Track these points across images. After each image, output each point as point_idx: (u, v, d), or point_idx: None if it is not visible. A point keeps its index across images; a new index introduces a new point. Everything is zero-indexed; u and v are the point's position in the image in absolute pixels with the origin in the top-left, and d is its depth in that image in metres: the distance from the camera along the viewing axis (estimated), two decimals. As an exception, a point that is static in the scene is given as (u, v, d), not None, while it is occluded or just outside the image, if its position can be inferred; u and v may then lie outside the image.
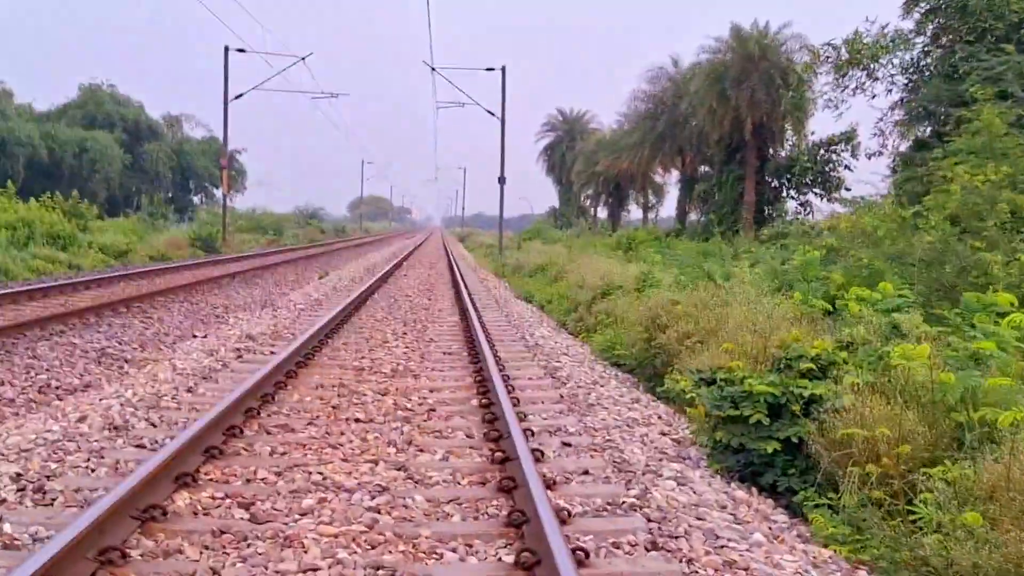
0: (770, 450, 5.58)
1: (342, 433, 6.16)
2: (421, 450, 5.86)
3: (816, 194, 33.67)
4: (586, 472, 5.43)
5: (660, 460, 5.82)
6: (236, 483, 4.94)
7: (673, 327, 9.22)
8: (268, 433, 6.14)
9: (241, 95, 37.61)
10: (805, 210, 33.64)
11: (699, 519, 4.72)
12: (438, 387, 8.12)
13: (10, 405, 6.77)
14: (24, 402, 6.93)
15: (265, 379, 7.44)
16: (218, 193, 71.85)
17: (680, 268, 16.86)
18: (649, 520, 4.61)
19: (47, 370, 8.06)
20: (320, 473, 5.17)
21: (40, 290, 14.43)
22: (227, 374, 8.18)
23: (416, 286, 20.54)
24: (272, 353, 9.35)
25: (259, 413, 6.57)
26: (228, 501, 4.59)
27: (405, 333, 11.86)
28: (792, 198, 34.24)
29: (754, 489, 5.61)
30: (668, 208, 56.62)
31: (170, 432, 5.83)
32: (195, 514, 4.39)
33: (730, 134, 32.72)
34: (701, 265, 12.55)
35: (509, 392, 7.65)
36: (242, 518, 4.37)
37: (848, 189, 32.66)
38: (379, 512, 4.55)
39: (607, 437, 6.35)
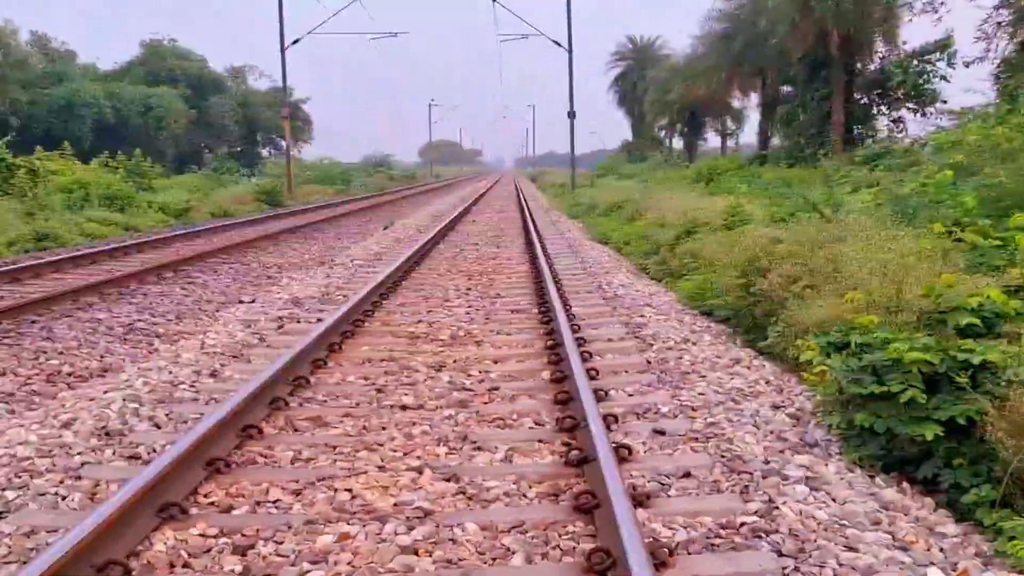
0: (930, 436, 4.27)
1: (383, 428, 5.05)
2: (478, 447, 4.71)
3: (909, 109, 31.23)
4: (687, 475, 4.20)
5: (781, 451, 4.55)
6: (239, 512, 3.87)
7: (775, 270, 7.84)
8: (295, 431, 5.07)
9: (297, 40, 36.62)
10: (898, 127, 31.29)
11: (849, 548, 3.47)
12: (503, 356, 6.95)
13: (8, 400, 5.83)
14: (25, 396, 5.99)
15: (301, 356, 6.38)
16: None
17: (771, 199, 15.31)
18: (780, 554, 3.39)
19: (61, 353, 7.14)
20: (348, 490, 4.07)
21: (88, 255, 13.70)
22: (261, 351, 7.15)
23: (484, 232, 19.37)
24: (319, 320, 8.31)
25: (287, 404, 5.50)
26: (220, 543, 3.51)
27: (469, 289, 10.71)
28: (883, 115, 31.86)
29: (906, 485, 4.31)
30: (748, 135, 54.15)
31: (172, 436, 4.79)
32: (171, 567, 3.32)
33: (814, 49, 30.33)
34: (803, 194, 11.03)
35: (585, 360, 6.46)
36: (232, 571, 3.28)
37: (944, 102, 30.27)
38: (417, 554, 3.42)
39: (709, 419, 5.11)
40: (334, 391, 5.88)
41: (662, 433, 4.84)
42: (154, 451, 4.63)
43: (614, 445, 4.42)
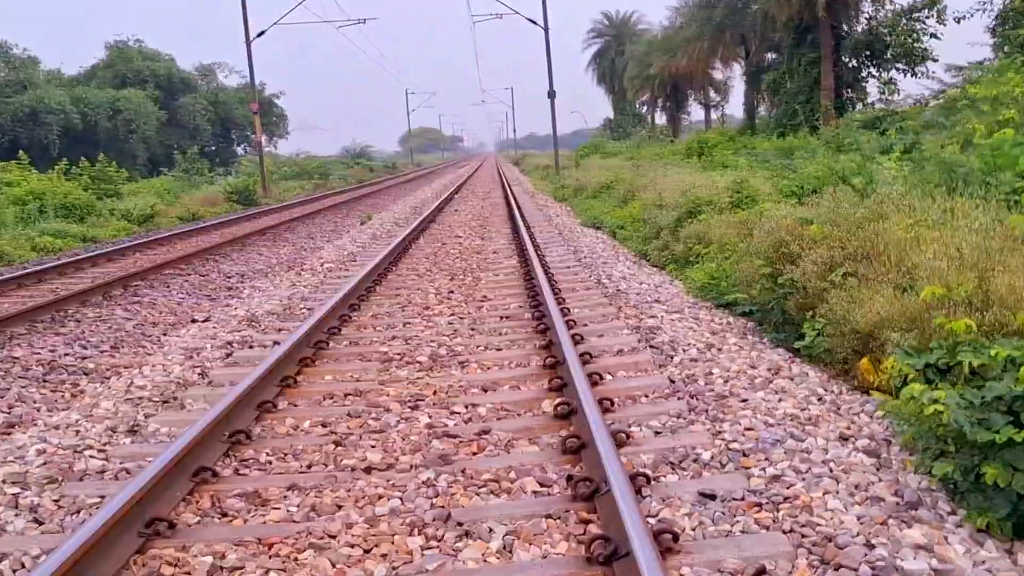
0: (1089, 496, 3.07)
1: (338, 506, 3.81)
2: (466, 532, 3.49)
3: (900, 70, 30.05)
4: (762, 574, 2.99)
5: (882, 522, 3.32)
6: None
7: (808, 256, 6.62)
8: (222, 516, 3.83)
9: (263, 32, 35.10)
10: (889, 90, 30.11)
11: None
12: (493, 382, 5.71)
13: None
14: None
15: (245, 399, 5.14)
16: (262, 141, 70.33)
17: (774, 172, 14.09)
18: None
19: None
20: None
21: (34, 274, 12.36)
22: (200, 391, 5.88)
23: (467, 223, 18.10)
24: (275, 344, 7.06)
25: (217, 475, 4.25)
26: None
27: (451, 291, 9.46)
28: (873, 77, 30.65)
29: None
30: (733, 107, 52.94)
31: (53, 540, 3.53)
32: None
33: (800, 13, 29.09)
34: (829, 165, 9.80)
35: (595, 383, 5.24)
36: None
37: (935, 60, 29.11)
38: None
39: (769, 468, 3.89)
40: (281, 448, 4.63)
41: (711, 497, 3.62)
42: (23, 566, 3.38)
43: (652, 524, 3.21)
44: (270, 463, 4.43)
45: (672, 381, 5.34)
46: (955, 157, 7.91)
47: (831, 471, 3.83)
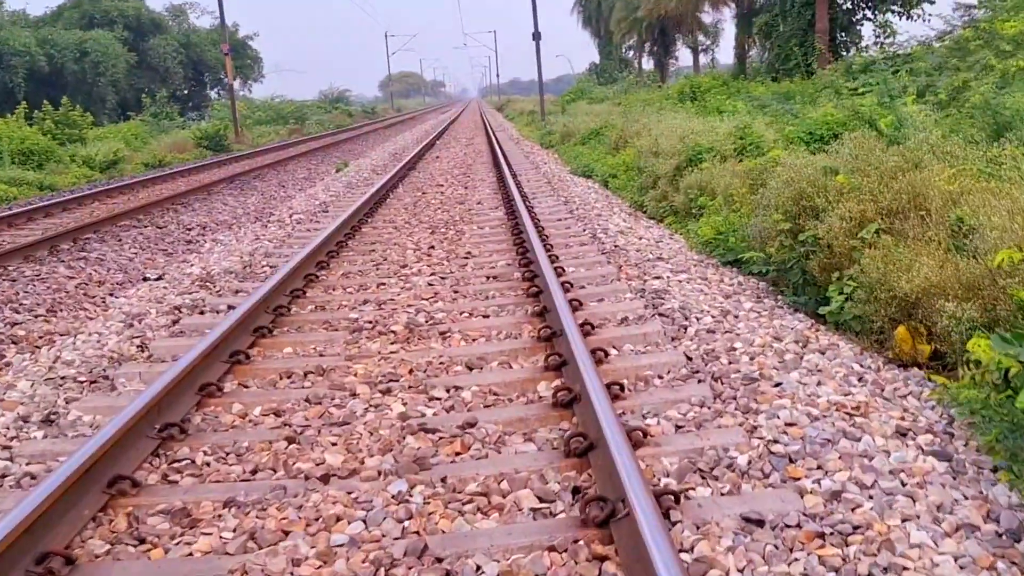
0: None
1: (283, 531, 3.02)
2: (447, 574, 2.71)
3: (896, 12, 29.01)
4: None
5: (989, 568, 2.57)
6: None
7: (834, 210, 5.82)
8: (139, 542, 3.02)
9: (235, -30, 33.49)
10: (885, 32, 29.09)
11: None
12: (479, 358, 4.90)
13: None
14: None
15: (185, 379, 4.32)
16: (236, 84, 68.35)
17: (775, 117, 13.22)
18: None
19: None
20: None
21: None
22: (136, 368, 5.04)
23: (450, 170, 17.16)
24: (229, 309, 6.22)
25: (137, 484, 3.44)
26: None
27: (432, 246, 8.61)
28: (869, 20, 29.60)
29: None
30: (722, 52, 51.66)
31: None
32: None
33: (795, -50, 27.96)
34: (856, 108, 8.92)
35: (600, 361, 4.46)
36: None
37: (932, 2, 28.11)
38: None
39: (825, 481, 3.12)
40: (223, 445, 3.82)
41: (759, 524, 2.85)
42: None
43: (687, 564, 2.44)
44: (207, 466, 3.62)
45: (689, 358, 4.55)
46: (1001, 99, 7.07)
47: (903, 484, 3.07)
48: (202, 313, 6.38)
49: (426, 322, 5.74)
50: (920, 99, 10.47)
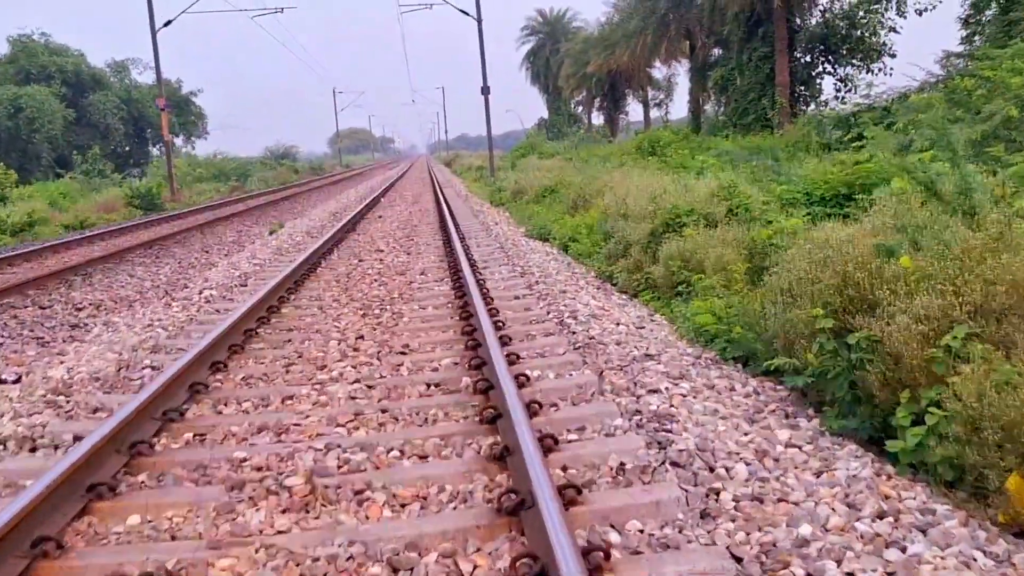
0: None
1: None
2: None
3: (855, 66, 28.38)
4: None
5: None
6: None
7: (900, 305, 4.31)
8: None
9: (170, 22, 31.94)
10: (846, 86, 28.41)
11: None
12: (410, 543, 3.23)
13: None
14: None
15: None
16: (179, 141, 66.26)
17: (754, 173, 11.87)
18: None
19: None
20: None
21: None
22: None
23: (392, 232, 15.54)
24: (76, 439, 4.50)
25: None
26: None
27: (361, 336, 6.94)
28: (829, 74, 28.92)
29: None
30: (675, 108, 51.11)
31: None
32: None
33: (751, 4, 27.20)
34: (899, 163, 7.47)
35: (599, 568, 2.83)
36: None
37: (893, 55, 27.52)
38: None
39: None
40: None
41: None
42: None
43: None
44: None
45: (738, 560, 2.93)
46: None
47: None
48: (33, 451, 4.62)
49: (339, 468, 4.06)
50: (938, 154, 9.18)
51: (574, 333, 6.47)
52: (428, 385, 5.44)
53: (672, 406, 4.57)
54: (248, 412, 5.12)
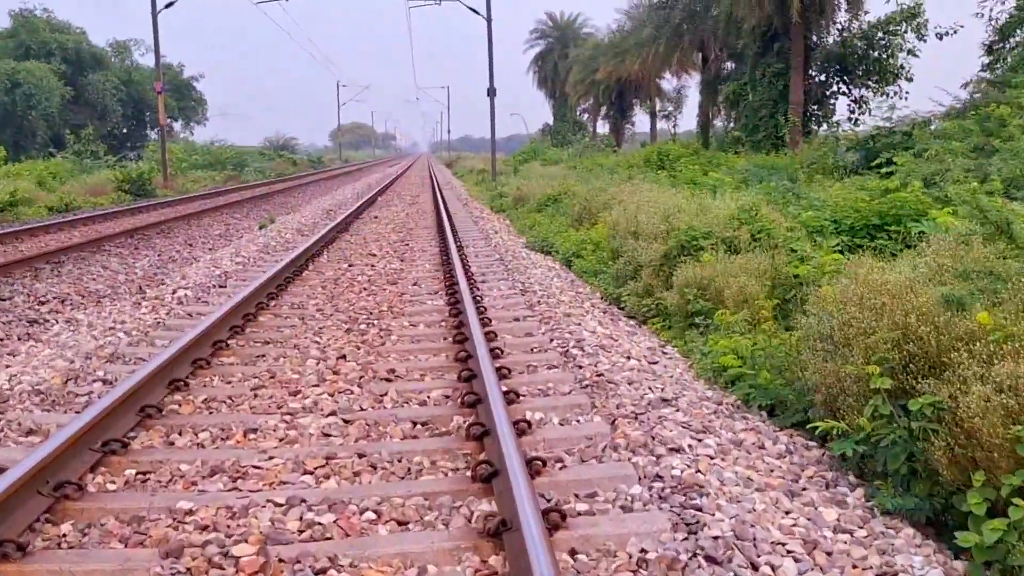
0: None
1: None
2: None
3: (871, 87, 27.74)
4: None
5: None
6: None
7: (975, 370, 3.64)
8: None
9: (172, 3, 31.19)
10: (860, 108, 27.77)
11: None
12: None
13: None
14: None
15: None
16: (177, 126, 65.44)
17: (771, 195, 11.17)
18: None
19: None
20: None
21: None
22: None
23: (387, 235, 14.84)
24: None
25: None
26: None
27: (344, 356, 6.24)
28: (843, 94, 28.27)
29: None
30: (683, 120, 50.44)
31: None
32: None
33: (769, 18, 26.53)
34: (948, 198, 6.75)
35: None
36: None
37: (910, 79, 26.89)
38: None
39: None
40: None
41: None
42: None
43: None
44: None
45: None
46: None
47: None
48: (-60, 484, 3.92)
49: (299, 533, 3.36)
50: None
51: (580, 367, 5.78)
52: (414, 423, 4.74)
53: (699, 471, 3.89)
54: (204, 446, 4.42)
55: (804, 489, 3.91)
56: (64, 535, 3.41)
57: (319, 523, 3.43)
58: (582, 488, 3.73)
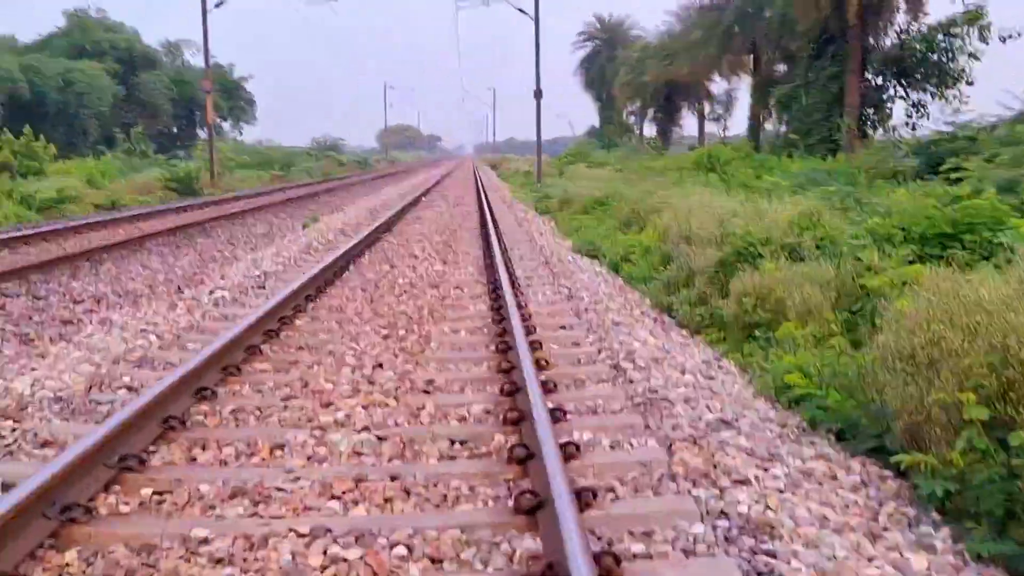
0: None
1: None
2: None
3: (929, 91, 26.85)
4: None
5: None
6: None
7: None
8: None
9: (222, 2, 31.33)
10: (918, 112, 26.92)
11: None
12: None
13: None
14: None
15: None
16: (226, 126, 65.94)
17: (831, 201, 10.65)
18: None
19: None
20: None
21: None
22: None
23: (430, 236, 14.55)
24: (3, 487, 3.53)
25: None
26: None
27: (380, 364, 5.91)
28: (901, 98, 27.41)
29: None
30: (732, 123, 49.61)
31: None
32: None
33: (824, 20, 25.81)
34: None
35: None
36: None
37: (971, 83, 25.96)
38: None
39: None
40: None
41: None
42: None
43: None
44: None
45: None
46: None
47: None
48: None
49: (322, 572, 3.02)
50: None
51: (632, 382, 5.39)
52: (452, 442, 4.39)
53: (768, 508, 3.48)
54: (227, 463, 4.12)
55: (886, 529, 3.49)
56: (67, 564, 3.11)
57: (344, 559, 3.08)
58: (637, 525, 3.34)
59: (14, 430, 4.46)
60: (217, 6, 31.53)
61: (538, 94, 31.84)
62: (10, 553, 3.04)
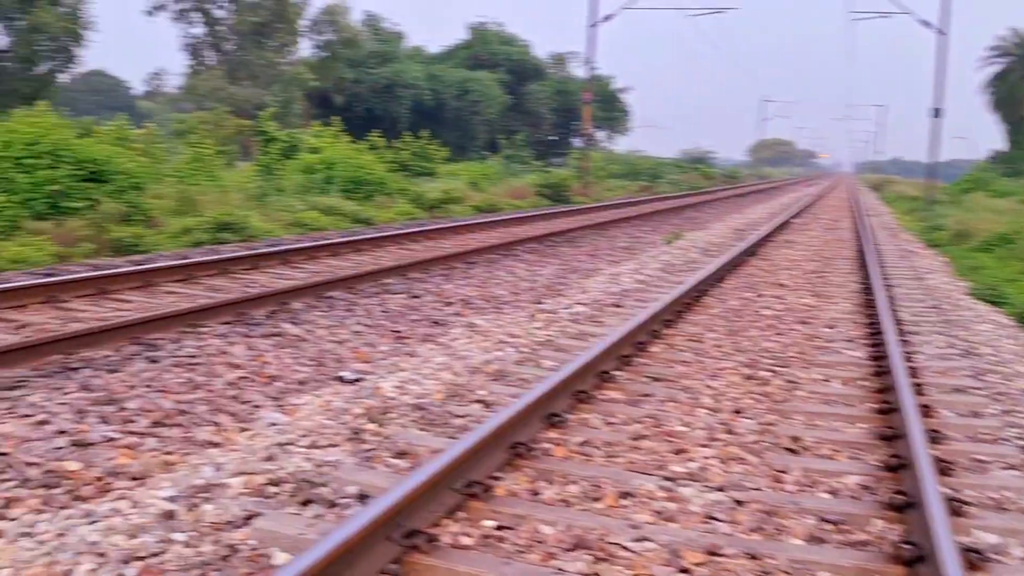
0: None
1: None
2: None
3: None
4: None
5: None
6: None
7: None
8: None
9: (609, 17, 32.19)
10: None
11: None
12: None
13: None
14: None
15: None
16: (601, 135, 68.09)
17: None
18: None
19: None
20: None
21: (184, 267, 10.01)
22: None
23: (800, 264, 13.59)
24: (360, 497, 3.56)
25: None
26: None
27: (740, 408, 5.38)
28: None
29: None
30: None
31: None
32: None
33: None
34: None
35: None
36: None
37: None
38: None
39: None
40: None
41: None
42: None
43: None
44: None
45: None
46: None
47: None
48: (306, 504, 3.75)
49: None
50: None
51: (1054, 475, 4.38)
52: (821, 519, 3.78)
53: None
54: (570, 504, 3.87)
55: None
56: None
57: (688, 657, 2.66)
58: None
59: (375, 435, 4.57)
60: (604, 19, 32.45)
61: (937, 113, 29.02)
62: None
